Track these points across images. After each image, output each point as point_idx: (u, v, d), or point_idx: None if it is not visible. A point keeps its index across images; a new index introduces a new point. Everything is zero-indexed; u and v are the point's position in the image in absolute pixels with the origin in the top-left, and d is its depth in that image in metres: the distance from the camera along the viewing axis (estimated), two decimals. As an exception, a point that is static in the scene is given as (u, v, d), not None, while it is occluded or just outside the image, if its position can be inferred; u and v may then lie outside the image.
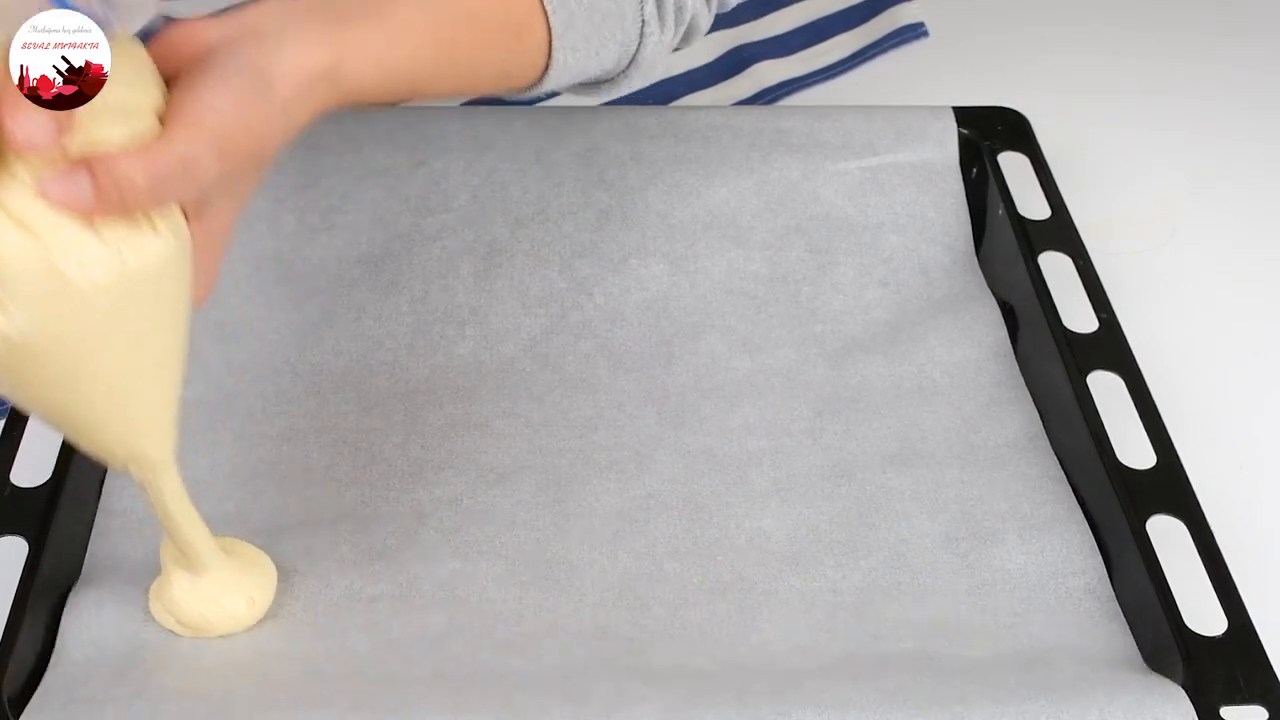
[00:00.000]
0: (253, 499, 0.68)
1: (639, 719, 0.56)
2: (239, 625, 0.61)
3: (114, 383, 0.52)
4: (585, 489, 0.69)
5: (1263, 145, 0.94)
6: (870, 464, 0.71)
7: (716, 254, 0.81)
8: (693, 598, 0.64)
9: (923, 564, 0.66)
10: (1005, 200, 0.81)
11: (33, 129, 0.47)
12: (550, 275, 0.79)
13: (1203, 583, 0.62)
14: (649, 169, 0.83)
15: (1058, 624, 0.63)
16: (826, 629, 0.63)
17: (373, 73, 0.57)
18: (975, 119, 0.85)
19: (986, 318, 0.78)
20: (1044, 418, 0.73)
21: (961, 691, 0.57)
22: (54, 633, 0.61)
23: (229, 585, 0.61)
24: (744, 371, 0.76)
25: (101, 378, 0.51)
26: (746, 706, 0.57)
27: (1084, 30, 1.04)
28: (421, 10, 0.59)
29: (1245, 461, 0.74)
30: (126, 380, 0.52)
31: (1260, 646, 0.60)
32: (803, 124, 0.84)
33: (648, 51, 0.71)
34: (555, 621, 0.62)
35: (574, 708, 0.57)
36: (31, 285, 0.48)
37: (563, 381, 0.75)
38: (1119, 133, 0.94)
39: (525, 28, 0.64)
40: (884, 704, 0.57)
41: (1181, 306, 0.83)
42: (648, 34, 0.70)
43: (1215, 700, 0.58)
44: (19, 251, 0.47)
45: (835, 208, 0.82)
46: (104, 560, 0.64)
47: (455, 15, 0.61)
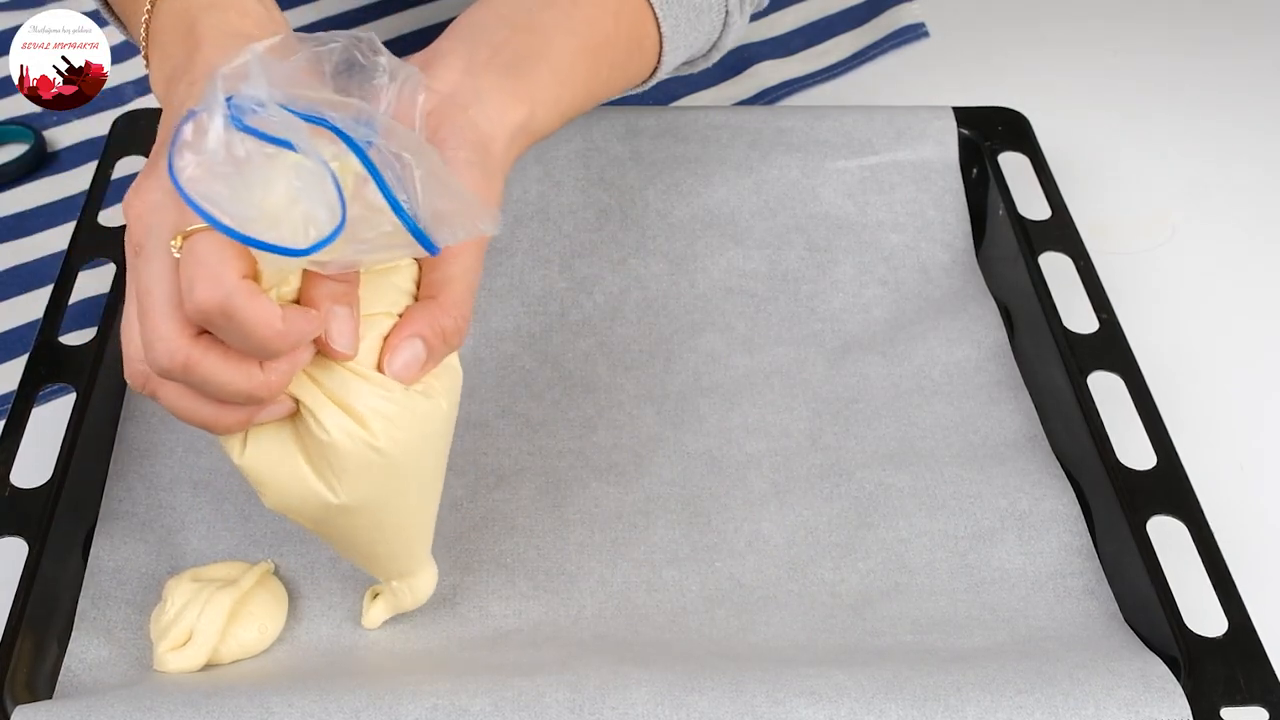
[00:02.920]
0: (252, 501, 0.68)
1: (633, 702, 0.56)
2: (247, 653, 0.61)
3: (406, 521, 0.59)
4: (585, 492, 0.69)
5: (1263, 145, 0.94)
6: (869, 463, 0.71)
7: (716, 253, 0.81)
8: (691, 605, 0.64)
9: (921, 564, 0.66)
10: (1005, 200, 0.81)
11: (343, 340, 0.53)
12: (550, 274, 0.79)
13: (1203, 583, 0.62)
14: (648, 169, 0.83)
15: (1057, 624, 0.63)
16: (824, 628, 0.63)
17: (554, 116, 0.62)
18: (975, 119, 0.84)
19: (986, 318, 0.78)
20: (1044, 418, 0.72)
21: (957, 681, 0.57)
22: (54, 632, 0.61)
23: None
24: (743, 370, 0.76)
25: (398, 522, 0.58)
26: (742, 692, 0.57)
27: (1084, 30, 1.03)
28: (575, 45, 0.63)
29: (1245, 462, 0.74)
30: (416, 518, 0.59)
31: (1260, 647, 0.60)
32: (802, 123, 0.84)
33: (729, 39, 0.74)
34: (554, 636, 0.63)
35: (569, 691, 0.57)
36: (356, 462, 0.54)
37: (562, 380, 0.75)
38: (1119, 133, 0.94)
39: (645, 36, 0.68)
40: (880, 692, 0.57)
41: (1182, 307, 0.83)
42: (730, 23, 0.73)
43: (1215, 701, 0.58)
44: (346, 435, 0.54)
45: (835, 207, 0.82)
46: (107, 565, 0.64)
47: (599, 43, 0.65)
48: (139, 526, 0.66)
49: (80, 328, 0.74)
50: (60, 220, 0.86)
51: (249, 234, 0.47)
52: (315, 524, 0.57)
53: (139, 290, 0.52)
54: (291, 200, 0.48)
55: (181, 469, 0.69)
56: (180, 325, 0.51)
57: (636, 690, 0.57)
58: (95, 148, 0.87)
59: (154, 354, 0.51)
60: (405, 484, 0.57)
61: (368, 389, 0.54)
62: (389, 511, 0.57)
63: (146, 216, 0.52)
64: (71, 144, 0.91)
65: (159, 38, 0.61)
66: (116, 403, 0.71)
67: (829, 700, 0.56)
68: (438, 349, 0.55)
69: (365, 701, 0.56)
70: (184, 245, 0.50)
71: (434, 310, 0.55)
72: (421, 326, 0.55)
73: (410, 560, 0.61)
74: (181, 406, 0.53)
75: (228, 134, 0.47)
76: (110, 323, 0.72)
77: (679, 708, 0.56)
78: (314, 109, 0.49)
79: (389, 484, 0.56)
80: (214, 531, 0.66)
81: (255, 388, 0.51)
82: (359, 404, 0.54)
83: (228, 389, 0.51)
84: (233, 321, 0.49)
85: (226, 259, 0.49)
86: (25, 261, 0.84)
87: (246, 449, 0.55)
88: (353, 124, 0.49)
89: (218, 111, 0.47)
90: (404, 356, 0.54)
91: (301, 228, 0.48)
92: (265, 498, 0.56)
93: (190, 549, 0.66)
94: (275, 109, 0.48)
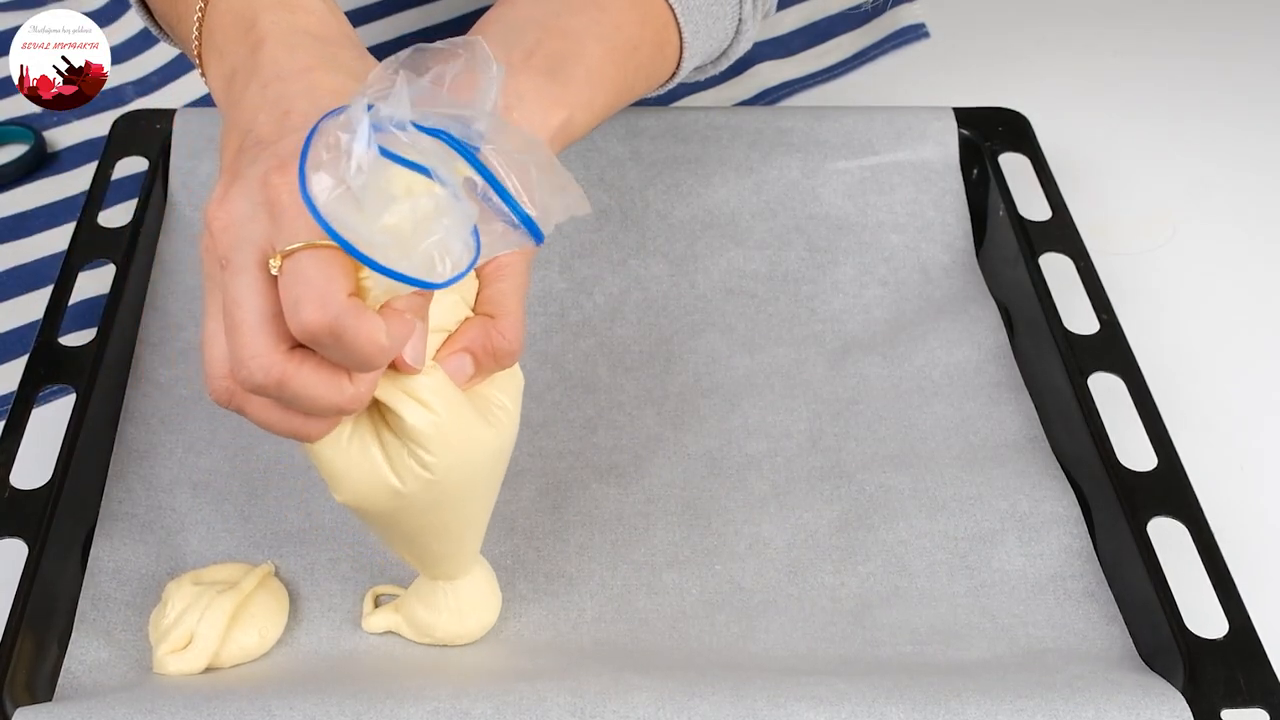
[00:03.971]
0: (253, 501, 0.68)
1: (634, 705, 0.56)
2: (247, 657, 0.61)
3: (462, 516, 0.59)
4: (585, 494, 0.69)
5: (1263, 145, 0.94)
6: (869, 464, 0.70)
7: (716, 253, 0.81)
8: (691, 610, 0.64)
9: (921, 566, 0.66)
10: (1006, 201, 0.81)
11: (415, 355, 0.53)
12: (550, 275, 0.79)
13: (1203, 585, 0.62)
14: (649, 169, 0.83)
15: (1056, 626, 0.63)
16: (824, 636, 0.63)
17: (589, 119, 0.63)
18: (976, 120, 0.84)
19: (986, 319, 0.78)
20: (1045, 419, 0.72)
21: (958, 688, 0.58)
22: (54, 633, 0.61)
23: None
24: (743, 371, 0.75)
25: (454, 517, 0.58)
26: (743, 698, 0.57)
27: (1084, 30, 1.03)
28: (605, 49, 0.64)
29: (1246, 463, 0.74)
30: (471, 516, 0.59)
31: (1261, 648, 0.60)
32: (803, 124, 0.84)
33: (739, 48, 0.75)
34: (555, 640, 0.63)
35: (571, 695, 0.57)
36: (436, 444, 0.54)
37: (562, 380, 0.75)
38: (1119, 133, 0.94)
39: (666, 42, 0.69)
40: (880, 698, 0.57)
41: (1182, 307, 0.83)
42: (743, 31, 0.74)
43: (1216, 702, 0.58)
44: (426, 422, 0.54)
45: (835, 207, 0.82)
46: (107, 566, 0.64)
47: (628, 47, 0.66)
48: (139, 528, 0.66)
49: (80, 328, 0.74)
50: (60, 221, 0.86)
51: (385, 264, 0.47)
52: (381, 517, 0.57)
53: (227, 304, 0.51)
54: (423, 228, 0.48)
55: (181, 470, 0.69)
56: (274, 341, 0.50)
57: (638, 694, 0.57)
58: (95, 148, 0.87)
59: (246, 370, 0.50)
60: (472, 474, 0.57)
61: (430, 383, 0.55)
62: (448, 505, 0.57)
63: (234, 229, 0.51)
64: (71, 144, 0.91)
65: (214, 37, 0.60)
66: (116, 403, 0.71)
67: (830, 704, 0.56)
68: (487, 365, 0.56)
69: (366, 705, 0.56)
70: (285, 264, 0.49)
71: (488, 328, 0.56)
72: (473, 343, 0.55)
73: (461, 559, 0.61)
74: (270, 420, 0.53)
75: (369, 158, 0.47)
76: (110, 323, 0.72)
77: (680, 711, 0.56)
78: (433, 121, 0.48)
79: (457, 474, 0.56)
80: (214, 533, 0.66)
81: (346, 401, 0.51)
82: (433, 397, 0.54)
83: (320, 403, 0.51)
84: (341, 341, 0.49)
85: (334, 278, 0.48)
86: (25, 262, 0.84)
87: (323, 442, 0.55)
88: (467, 130, 0.49)
89: (362, 135, 0.47)
90: (450, 367, 0.55)
91: (435, 258, 0.48)
92: (338, 491, 0.55)
93: (190, 550, 0.66)
94: (411, 129, 0.47)
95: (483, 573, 0.63)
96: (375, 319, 0.49)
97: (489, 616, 0.63)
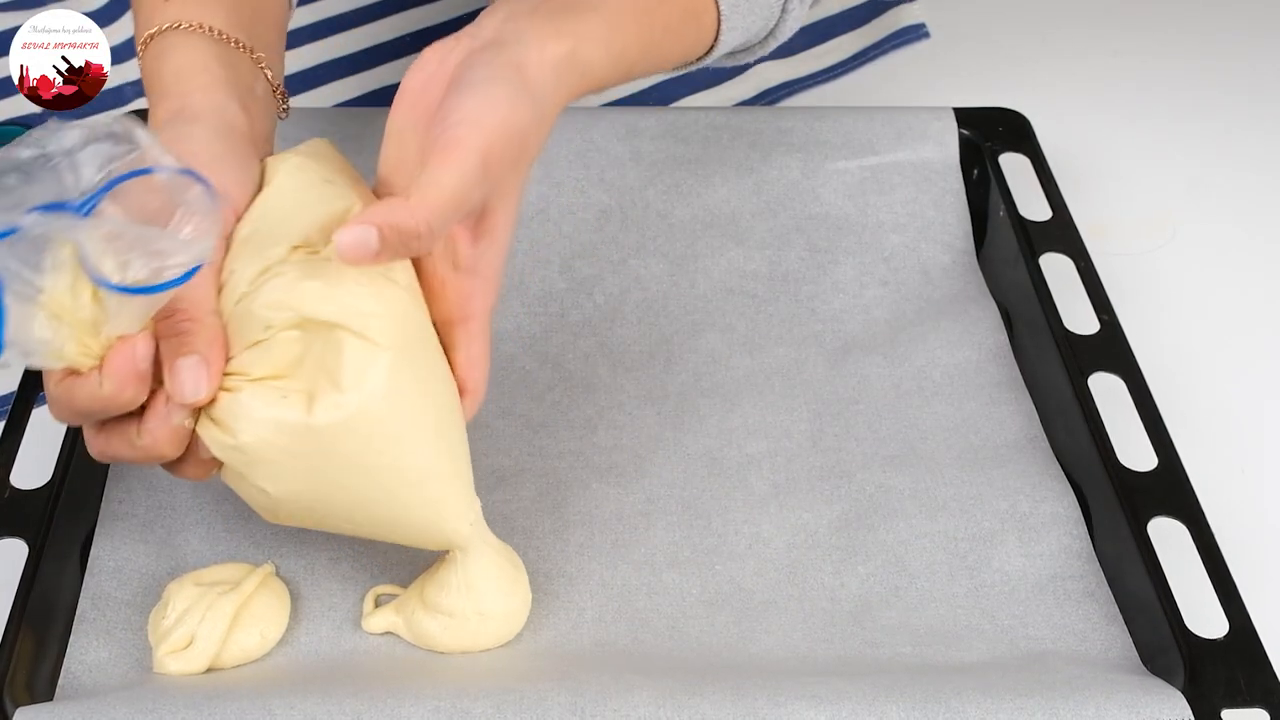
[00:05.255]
0: (253, 501, 0.68)
1: (634, 705, 0.56)
2: (248, 658, 0.61)
3: (407, 449, 0.56)
4: (585, 493, 0.69)
5: (1263, 145, 0.94)
6: (869, 464, 0.70)
7: (716, 253, 0.81)
8: (691, 610, 0.64)
9: (921, 567, 0.66)
10: (1006, 201, 0.81)
11: (191, 390, 0.54)
12: (550, 275, 0.79)
13: (1204, 585, 0.62)
14: (648, 169, 0.83)
15: (1056, 627, 0.63)
16: (824, 637, 0.63)
17: (602, 57, 0.60)
18: (976, 120, 0.84)
19: (986, 319, 0.78)
20: (1045, 419, 0.72)
21: (958, 686, 0.58)
22: (54, 633, 0.61)
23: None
24: (744, 371, 0.75)
25: (399, 451, 0.56)
26: (743, 697, 0.57)
27: (1084, 30, 1.03)
28: (625, 2, 0.62)
29: (1246, 463, 0.74)
30: (420, 446, 0.57)
31: (1261, 649, 0.60)
32: (803, 124, 0.84)
33: (786, 29, 0.74)
34: (555, 640, 0.63)
35: (571, 694, 0.57)
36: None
37: (563, 380, 0.75)
38: (1119, 133, 0.94)
39: (703, 10, 0.67)
40: (880, 697, 0.57)
41: (1183, 308, 0.83)
42: (789, 10, 0.72)
43: (1216, 703, 0.57)
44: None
45: (835, 207, 0.82)
46: (107, 566, 0.64)
47: (651, 3, 0.64)
48: (139, 527, 0.66)
49: (80, 328, 0.74)
50: (60, 220, 0.86)
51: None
52: (308, 475, 0.56)
53: None
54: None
55: None
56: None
57: (638, 694, 0.57)
58: (95, 148, 0.86)
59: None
60: (398, 392, 0.55)
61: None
62: (381, 434, 0.55)
63: None
64: (71, 144, 0.91)
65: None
66: (116, 403, 0.71)
67: (830, 702, 0.56)
68: (393, 244, 0.53)
69: (367, 704, 0.56)
70: None
71: (396, 206, 0.53)
72: (379, 217, 0.53)
73: (443, 513, 0.59)
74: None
75: None
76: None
77: (680, 710, 0.56)
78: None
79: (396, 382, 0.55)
80: (214, 533, 0.66)
81: (140, 452, 0.55)
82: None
83: (135, 459, 0.55)
84: (79, 416, 0.55)
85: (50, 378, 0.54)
86: (25, 262, 0.84)
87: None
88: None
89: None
90: (353, 235, 0.52)
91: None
92: (258, 476, 0.56)
93: (190, 550, 0.65)
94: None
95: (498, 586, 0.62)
96: (83, 383, 0.53)
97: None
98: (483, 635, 0.61)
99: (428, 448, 0.57)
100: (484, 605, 0.61)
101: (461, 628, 0.61)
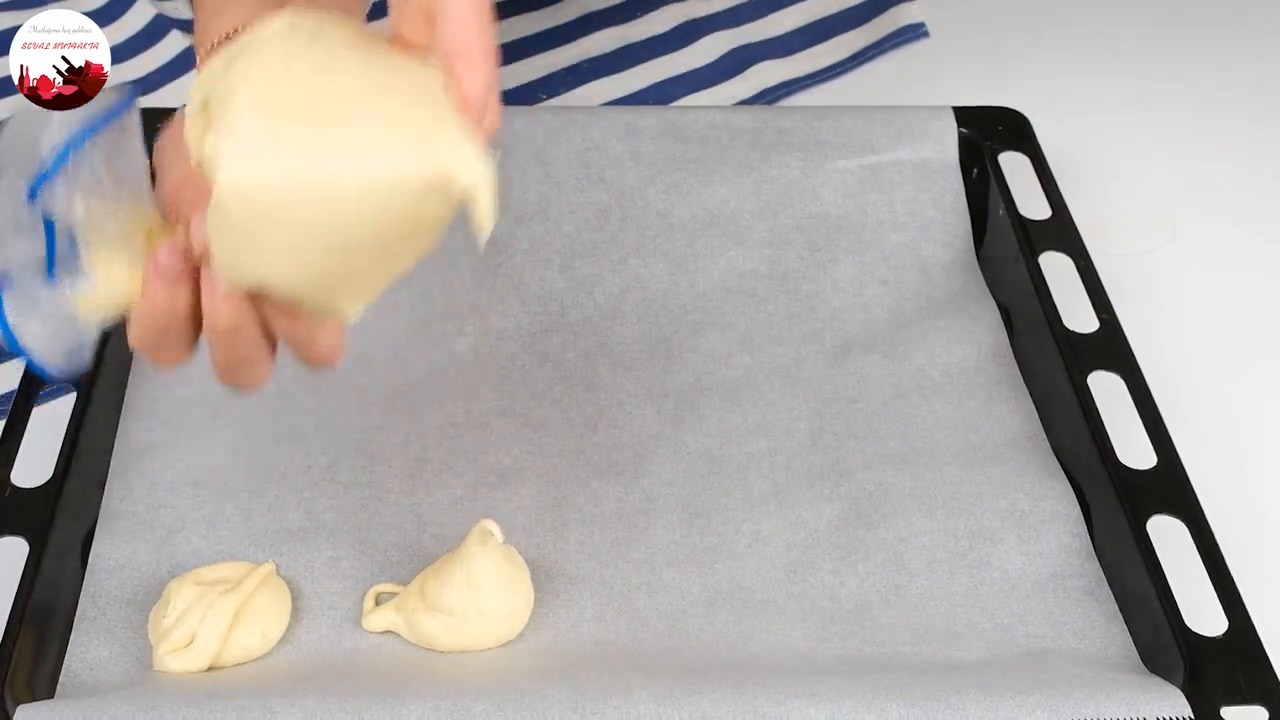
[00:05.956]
0: (253, 499, 0.68)
1: (635, 702, 0.56)
2: (249, 657, 0.61)
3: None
4: (585, 492, 0.69)
5: (1263, 145, 0.94)
6: (869, 463, 0.71)
7: (716, 252, 0.81)
8: (691, 609, 0.64)
9: (921, 565, 0.66)
10: (1006, 200, 0.81)
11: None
12: (550, 274, 0.79)
13: (1203, 583, 0.62)
14: (648, 169, 0.83)
15: (1056, 625, 0.63)
16: (824, 635, 0.63)
17: None
18: (976, 119, 0.84)
19: (986, 318, 0.78)
20: (1045, 418, 0.73)
21: (957, 684, 0.58)
22: (55, 632, 0.61)
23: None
24: (743, 369, 0.76)
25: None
26: (743, 695, 0.57)
27: (1084, 30, 1.03)
28: None
29: (1246, 462, 0.74)
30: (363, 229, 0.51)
31: (1261, 647, 0.60)
32: (803, 123, 0.84)
33: None
34: (554, 639, 0.63)
35: (571, 693, 0.57)
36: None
37: (563, 379, 0.75)
38: (1119, 133, 0.94)
39: None
40: (880, 695, 0.57)
41: (1182, 307, 0.83)
42: None
43: (1216, 701, 0.58)
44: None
45: (835, 206, 0.82)
46: (107, 565, 0.64)
47: None
48: (139, 526, 0.66)
49: (80, 327, 0.74)
50: (60, 220, 0.86)
51: None
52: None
53: None
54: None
55: (182, 469, 0.69)
56: None
57: (639, 691, 0.57)
58: (95, 147, 0.86)
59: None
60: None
61: None
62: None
63: None
64: (72, 144, 0.91)
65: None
66: (117, 402, 0.71)
67: (830, 701, 0.56)
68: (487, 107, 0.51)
69: (368, 701, 0.56)
70: None
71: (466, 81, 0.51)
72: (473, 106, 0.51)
73: (426, 138, 0.53)
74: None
75: None
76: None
77: (680, 708, 0.56)
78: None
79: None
80: (214, 531, 0.66)
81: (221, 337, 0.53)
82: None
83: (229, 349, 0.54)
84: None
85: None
86: (25, 261, 0.84)
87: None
88: None
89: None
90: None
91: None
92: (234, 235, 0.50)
93: (191, 548, 0.66)
94: None
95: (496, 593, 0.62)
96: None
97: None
98: (483, 635, 0.62)
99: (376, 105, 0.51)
100: (485, 604, 0.61)
101: (462, 627, 0.61)
